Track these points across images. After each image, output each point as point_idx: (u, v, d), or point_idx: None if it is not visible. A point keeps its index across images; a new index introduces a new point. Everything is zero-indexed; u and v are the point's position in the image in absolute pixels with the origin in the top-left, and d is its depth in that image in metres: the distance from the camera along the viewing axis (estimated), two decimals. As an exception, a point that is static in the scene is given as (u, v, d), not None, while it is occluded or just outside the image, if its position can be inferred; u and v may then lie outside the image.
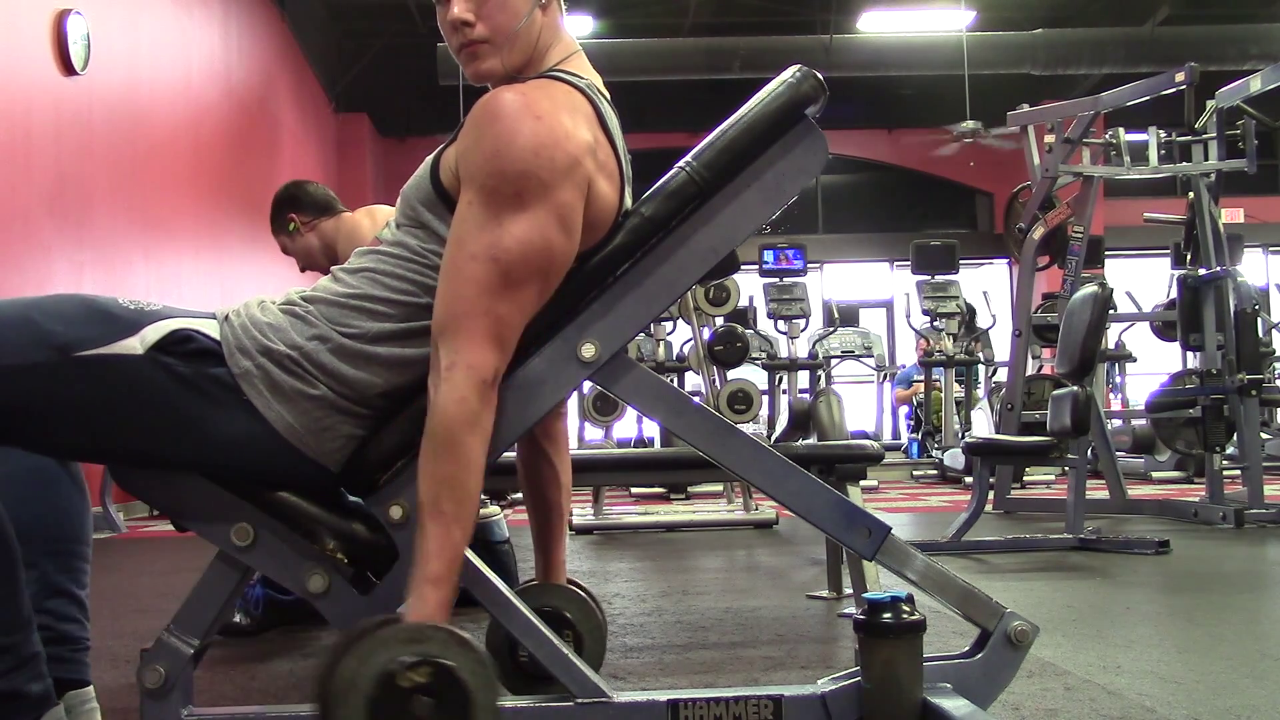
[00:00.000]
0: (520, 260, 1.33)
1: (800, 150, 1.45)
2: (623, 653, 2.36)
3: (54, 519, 1.50)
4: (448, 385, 1.30)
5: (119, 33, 6.26)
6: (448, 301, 1.33)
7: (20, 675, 1.36)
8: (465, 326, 1.31)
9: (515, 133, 1.33)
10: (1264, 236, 12.06)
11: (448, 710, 1.22)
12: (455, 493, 1.30)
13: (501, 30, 1.42)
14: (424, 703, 1.21)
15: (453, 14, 1.42)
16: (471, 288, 1.32)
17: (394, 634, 1.23)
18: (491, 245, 1.32)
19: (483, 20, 1.42)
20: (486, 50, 1.44)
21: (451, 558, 1.29)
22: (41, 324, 1.32)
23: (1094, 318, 4.08)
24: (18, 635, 1.36)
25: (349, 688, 1.21)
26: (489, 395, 1.32)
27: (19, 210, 5.12)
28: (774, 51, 10.38)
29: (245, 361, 1.37)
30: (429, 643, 1.23)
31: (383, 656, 1.22)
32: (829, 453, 2.59)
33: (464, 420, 1.30)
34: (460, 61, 1.48)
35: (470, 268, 1.32)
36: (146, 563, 4.40)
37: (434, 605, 1.27)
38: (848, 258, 13.64)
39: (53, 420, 1.33)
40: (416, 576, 1.29)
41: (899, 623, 1.37)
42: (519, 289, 1.34)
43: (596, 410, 6.22)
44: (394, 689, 1.21)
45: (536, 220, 1.33)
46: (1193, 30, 10.57)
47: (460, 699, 1.22)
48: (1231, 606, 3.00)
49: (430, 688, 1.21)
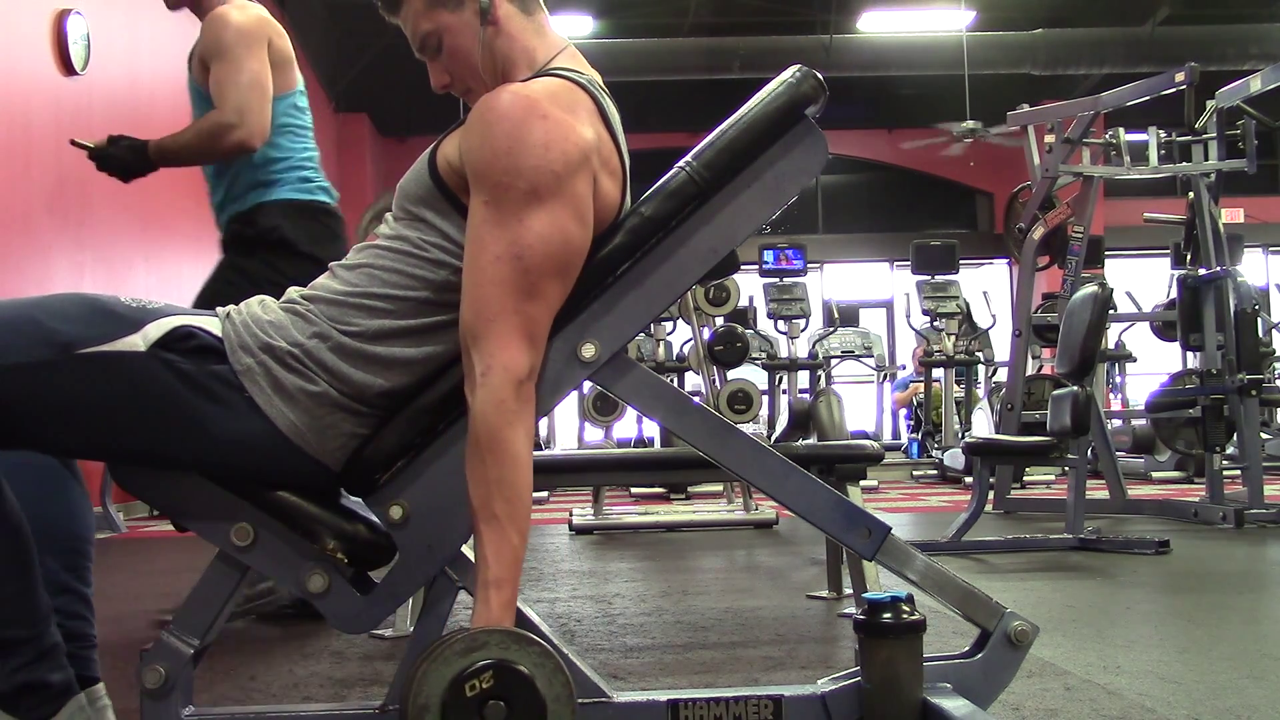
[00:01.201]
0: (542, 256, 1.33)
1: (800, 150, 1.45)
2: (623, 653, 2.36)
3: (59, 518, 1.51)
4: (485, 390, 1.30)
5: (119, 33, 6.26)
6: (475, 305, 1.33)
7: (43, 666, 1.38)
8: (496, 329, 1.32)
9: (524, 130, 1.33)
10: (1264, 236, 12.06)
11: (521, 708, 1.22)
12: (506, 493, 1.30)
13: (469, 75, 1.51)
14: (497, 707, 1.22)
15: (434, 85, 1.54)
16: (497, 289, 1.32)
17: (453, 647, 1.24)
18: (512, 244, 1.32)
19: (453, 75, 1.52)
20: (472, 95, 1.51)
21: (510, 559, 1.30)
22: (44, 322, 1.33)
23: (1094, 318, 4.08)
24: (39, 627, 1.38)
25: (423, 711, 1.22)
26: (527, 394, 1.33)
27: (19, 210, 5.12)
28: (774, 51, 10.39)
29: (247, 359, 1.37)
30: (487, 647, 1.23)
31: (446, 671, 1.23)
32: (829, 453, 2.59)
33: (505, 421, 1.30)
34: None
35: (494, 269, 1.32)
36: (146, 563, 4.41)
37: (498, 608, 1.28)
38: (848, 258, 13.64)
39: (56, 418, 1.33)
40: (478, 581, 1.30)
41: (899, 623, 1.37)
42: (543, 285, 1.34)
43: (596, 410, 6.22)
44: (464, 701, 1.22)
45: (553, 214, 1.34)
46: (1193, 30, 10.57)
47: (529, 695, 1.23)
48: (1231, 606, 3.00)
49: (498, 691, 1.22)
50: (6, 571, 1.36)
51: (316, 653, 2.39)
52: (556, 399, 1.44)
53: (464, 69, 1.50)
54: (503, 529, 1.29)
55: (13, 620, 1.36)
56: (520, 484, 1.31)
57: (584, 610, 2.92)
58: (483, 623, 1.27)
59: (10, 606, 1.36)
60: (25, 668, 1.36)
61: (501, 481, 1.30)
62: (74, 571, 1.51)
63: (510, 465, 1.30)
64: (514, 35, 1.49)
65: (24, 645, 1.36)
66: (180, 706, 1.37)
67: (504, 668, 1.23)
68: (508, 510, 1.30)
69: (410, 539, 1.39)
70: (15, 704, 1.37)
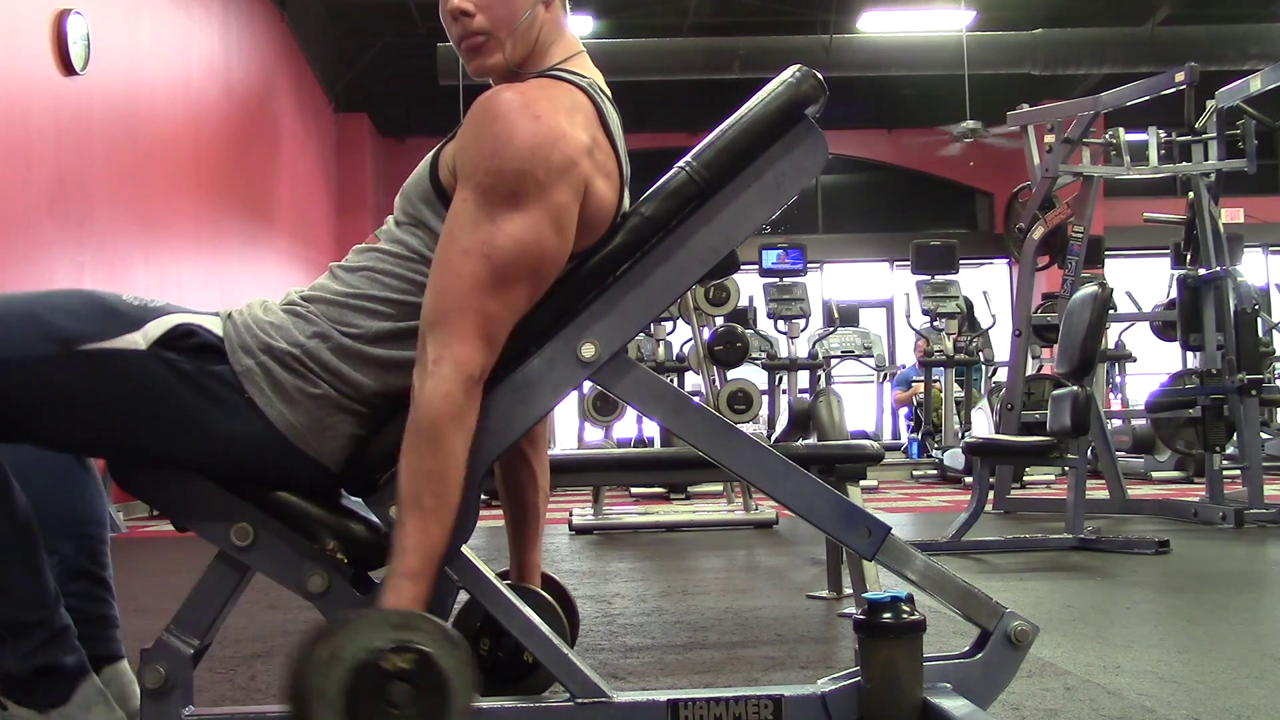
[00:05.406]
0: (512, 259, 1.33)
1: (800, 150, 1.45)
2: (623, 653, 2.36)
3: (69, 504, 1.51)
4: (434, 379, 1.30)
5: (119, 33, 6.26)
6: (438, 295, 1.33)
7: (57, 648, 1.38)
8: (454, 321, 1.31)
9: (513, 132, 1.32)
10: (1264, 236, 12.04)
11: (425, 700, 1.22)
12: (436, 487, 1.29)
13: (501, 23, 1.43)
14: (402, 689, 1.21)
15: (452, 3, 1.43)
16: (462, 283, 1.32)
17: (385, 617, 1.24)
18: (484, 242, 1.32)
19: (482, 11, 1.42)
20: (487, 45, 1.44)
21: (429, 554, 1.29)
22: (46, 317, 1.33)
23: (1094, 318, 4.08)
24: (48, 610, 1.39)
25: (332, 660, 1.21)
26: (474, 392, 1.32)
27: (19, 210, 5.12)
28: (774, 51, 10.37)
29: (247, 359, 1.37)
30: (417, 631, 1.23)
31: (371, 636, 1.22)
32: (829, 453, 2.59)
33: (448, 415, 1.29)
34: (461, 55, 1.48)
35: (462, 263, 1.32)
36: (146, 563, 4.40)
37: (409, 600, 1.27)
38: (848, 258, 13.63)
39: (55, 413, 1.34)
40: (393, 570, 1.29)
41: (899, 623, 1.37)
42: (509, 287, 1.34)
43: (596, 410, 6.22)
44: (376, 669, 1.21)
45: (530, 220, 1.33)
46: (1193, 30, 10.56)
47: (439, 692, 1.22)
48: (1231, 606, 3.00)
49: (411, 675, 1.21)
50: (15, 554, 1.36)
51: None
52: (556, 399, 1.44)
53: (503, 15, 1.42)
54: (427, 522, 1.29)
55: (25, 603, 1.37)
56: (452, 481, 1.30)
57: (584, 610, 2.91)
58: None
59: (22, 589, 1.37)
60: (39, 650, 1.37)
61: (434, 475, 1.29)
62: (88, 555, 1.52)
63: (445, 459, 1.29)
64: (550, 25, 1.47)
65: (36, 628, 1.37)
66: (180, 706, 1.38)
67: (426, 657, 1.21)
68: (435, 505, 1.29)
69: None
70: (32, 688, 1.38)
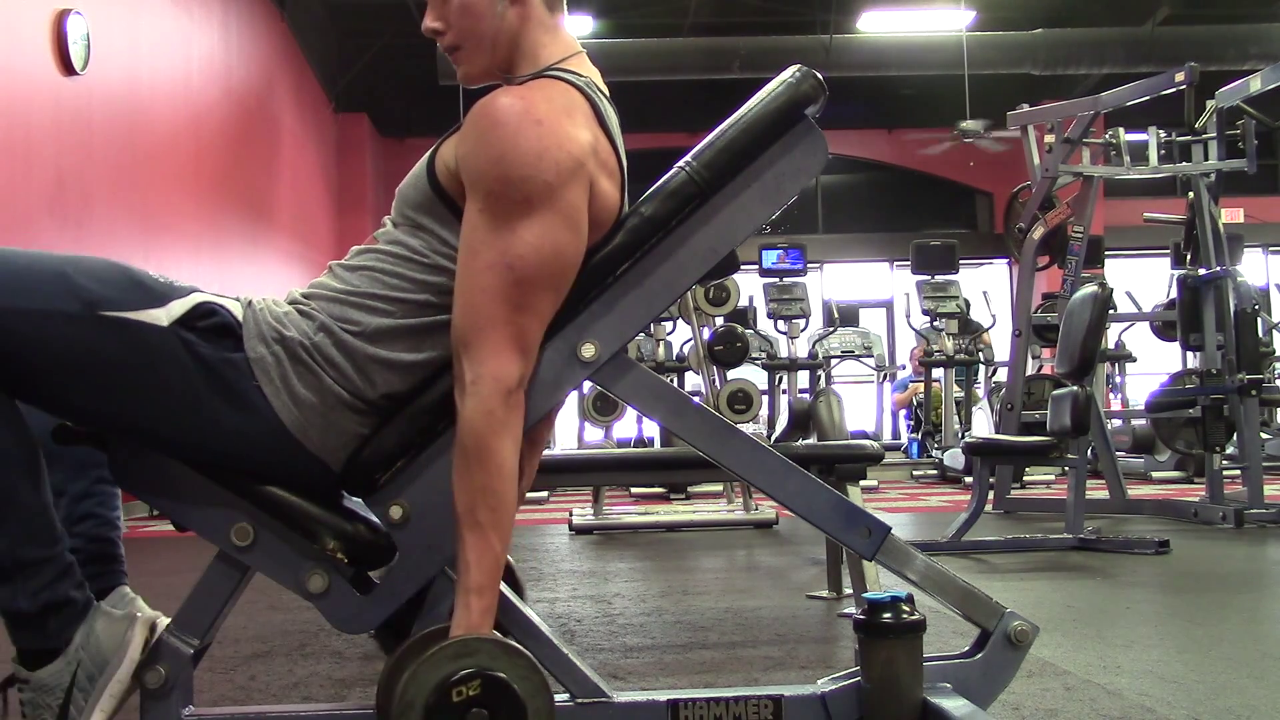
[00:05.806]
0: (534, 265, 1.33)
1: (800, 150, 1.45)
2: (623, 653, 2.36)
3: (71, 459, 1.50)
4: (473, 399, 1.31)
5: (119, 33, 6.26)
6: (466, 313, 1.34)
7: (66, 583, 1.38)
8: (486, 337, 1.32)
9: (517, 139, 1.33)
10: (1264, 236, 12.05)
11: (502, 714, 1.24)
12: (490, 500, 1.31)
13: (468, 35, 1.46)
14: (480, 715, 1.24)
15: (425, 25, 1.47)
16: (488, 297, 1.32)
17: (443, 650, 1.26)
18: (504, 253, 1.33)
19: (450, 28, 1.46)
20: (462, 55, 1.47)
21: (492, 566, 1.31)
22: (74, 278, 1.34)
23: (1094, 318, 4.08)
24: (56, 547, 1.38)
25: (407, 709, 1.24)
26: (515, 403, 1.33)
27: (19, 210, 5.12)
28: (774, 51, 10.38)
29: (261, 348, 1.38)
30: (478, 655, 1.25)
31: (434, 674, 1.24)
32: (829, 453, 2.59)
33: (492, 431, 1.31)
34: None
35: (485, 278, 1.33)
36: (146, 563, 4.40)
37: (478, 614, 1.29)
38: (848, 258, 13.64)
39: (65, 372, 1.34)
40: (459, 587, 1.31)
41: (899, 623, 1.37)
42: (535, 294, 1.34)
43: (596, 410, 6.22)
44: (449, 705, 1.24)
45: (545, 224, 1.34)
46: (1193, 30, 10.57)
47: (510, 704, 1.25)
48: (1231, 606, 3.00)
49: (483, 699, 1.24)
50: (23, 484, 1.35)
51: (317, 653, 2.39)
52: (556, 399, 1.44)
53: (467, 27, 1.45)
54: (486, 536, 1.31)
55: (33, 537, 1.36)
56: (505, 493, 1.32)
57: (584, 610, 2.92)
58: (463, 629, 1.29)
59: (31, 522, 1.36)
60: (49, 586, 1.37)
61: (487, 490, 1.31)
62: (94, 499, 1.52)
63: (496, 474, 1.31)
64: (530, 23, 1.47)
65: (45, 564, 1.37)
66: (180, 706, 1.38)
67: (491, 679, 1.24)
68: (492, 518, 1.31)
69: (410, 539, 1.39)
70: (43, 623, 1.37)
